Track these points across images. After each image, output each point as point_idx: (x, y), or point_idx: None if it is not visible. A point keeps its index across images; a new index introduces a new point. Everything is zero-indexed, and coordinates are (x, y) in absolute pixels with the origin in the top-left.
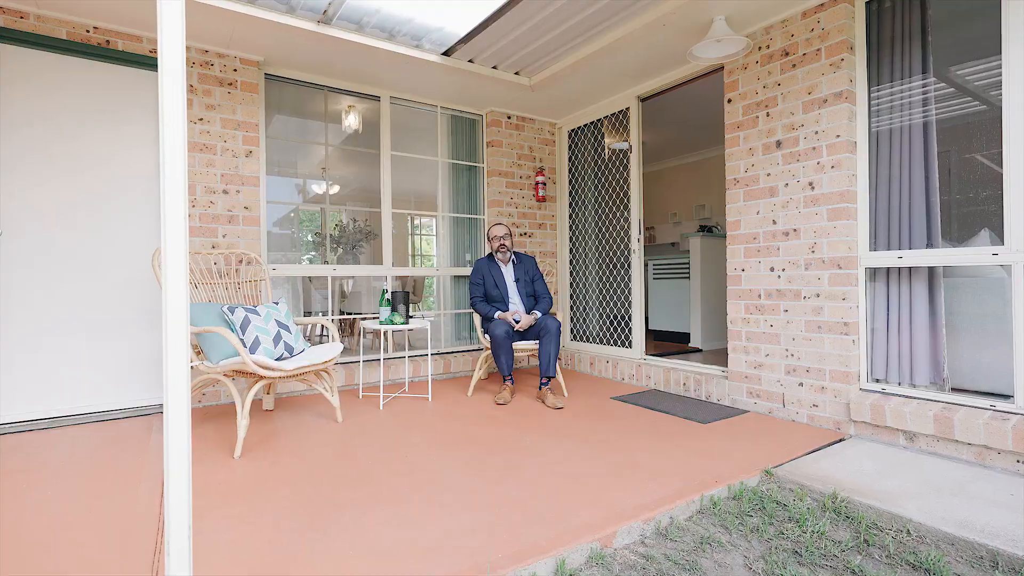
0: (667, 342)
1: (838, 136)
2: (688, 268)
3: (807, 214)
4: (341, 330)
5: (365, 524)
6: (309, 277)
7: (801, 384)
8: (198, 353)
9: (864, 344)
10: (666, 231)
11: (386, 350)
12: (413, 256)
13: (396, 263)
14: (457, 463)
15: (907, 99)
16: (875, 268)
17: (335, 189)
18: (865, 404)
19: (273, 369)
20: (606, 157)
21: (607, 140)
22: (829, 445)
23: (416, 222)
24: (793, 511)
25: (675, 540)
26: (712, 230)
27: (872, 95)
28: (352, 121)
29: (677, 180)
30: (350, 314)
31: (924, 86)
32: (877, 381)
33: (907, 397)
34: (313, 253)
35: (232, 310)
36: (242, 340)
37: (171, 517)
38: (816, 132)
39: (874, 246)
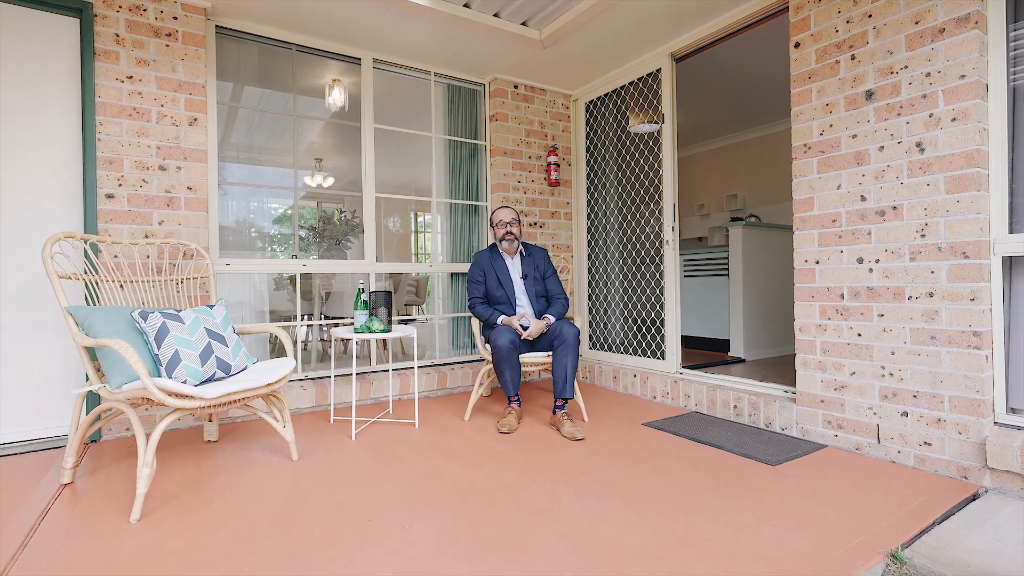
0: (700, 350)
1: (962, 76)
2: (727, 264)
3: (913, 185)
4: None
5: None
6: (291, 278)
7: (905, 414)
8: (101, 375)
9: (1002, 362)
10: (692, 225)
11: (366, 361)
12: (417, 255)
13: (388, 259)
14: (441, 531)
15: None
16: (1016, 257)
17: (329, 181)
18: (1013, 447)
19: (189, 397)
20: (631, 133)
21: (631, 116)
22: (963, 506)
23: (420, 219)
24: None
25: None
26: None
27: (1011, 33)
28: (337, 97)
29: (705, 168)
30: (329, 318)
31: None
32: (1014, 412)
33: None
34: (305, 253)
35: (145, 316)
36: (156, 356)
37: None
38: (927, 74)
39: (1013, 227)
